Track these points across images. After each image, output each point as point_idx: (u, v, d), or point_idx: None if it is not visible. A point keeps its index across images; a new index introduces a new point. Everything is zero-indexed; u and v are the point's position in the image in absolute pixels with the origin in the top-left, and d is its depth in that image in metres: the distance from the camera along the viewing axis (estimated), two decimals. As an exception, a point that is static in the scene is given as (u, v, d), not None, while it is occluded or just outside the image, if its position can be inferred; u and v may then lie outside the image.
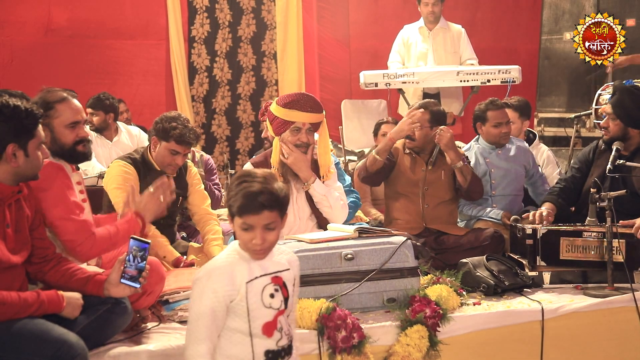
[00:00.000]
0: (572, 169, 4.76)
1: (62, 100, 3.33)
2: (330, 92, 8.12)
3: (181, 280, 3.71)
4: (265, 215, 2.45)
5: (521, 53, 8.42)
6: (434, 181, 4.65)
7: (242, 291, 2.48)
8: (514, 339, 3.67)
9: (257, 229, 2.46)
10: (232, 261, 2.53)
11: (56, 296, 2.91)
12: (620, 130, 4.50)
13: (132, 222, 3.29)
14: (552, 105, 8.53)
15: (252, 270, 2.52)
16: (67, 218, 3.18)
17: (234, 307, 2.48)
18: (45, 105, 3.26)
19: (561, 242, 4.12)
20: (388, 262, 3.60)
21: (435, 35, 7.03)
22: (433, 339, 3.42)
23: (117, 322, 3.12)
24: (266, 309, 2.51)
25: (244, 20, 8.06)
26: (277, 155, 4.10)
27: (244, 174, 2.51)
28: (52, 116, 3.29)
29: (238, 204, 2.45)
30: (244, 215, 2.45)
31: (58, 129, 3.29)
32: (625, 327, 3.82)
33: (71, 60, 7.45)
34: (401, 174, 4.69)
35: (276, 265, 2.58)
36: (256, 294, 2.50)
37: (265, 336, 2.50)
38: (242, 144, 8.16)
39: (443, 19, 7.06)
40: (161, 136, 4.21)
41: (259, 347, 2.51)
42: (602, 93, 5.73)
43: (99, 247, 3.24)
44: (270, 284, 2.53)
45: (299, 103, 4.01)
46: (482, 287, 3.92)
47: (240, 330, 2.50)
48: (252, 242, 2.47)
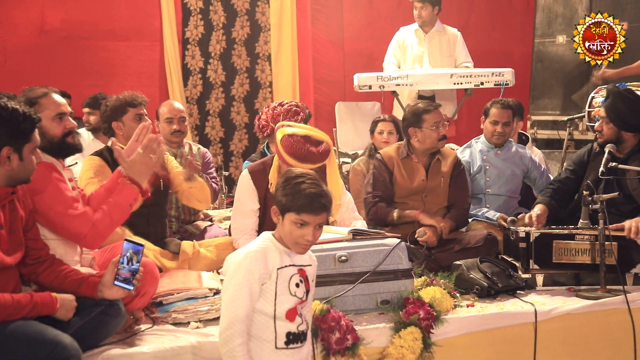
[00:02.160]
0: (567, 171, 4.76)
1: (44, 95, 3.37)
2: (324, 94, 8.12)
3: (175, 282, 3.71)
4: (322, 216, 2.72)
5: (514, 56, 8.44)
6: (433, 188, 4.62)
7: (273, 276, 2.70)
8: (507, 340, 3.68)
9: (311, 226, 2.70)
10: (266, 247, 2.74)
11: (50, 298, 2.90)
12: (613, 133, 4.51)
13: (127, 190, 3.33)
14: (545, 108, 8.56)
15: (283, 259, 2.74)
16: (67, 214, 3.21)
17: (264, 290, 2.70)
18: (29, 102, 3.28)
19: (554, 245, 4.13)
20: (382, 264, 3.60)
21: (431, 38, 7.03)
22: (427, 340, 3.43)
23: (110, 323, 3.12)
24: (291, 296, 2.73)
25: (238, 22, 8.06)
26: (275, 172, 4.09)
27: (299, 174, 2.74)
28: (37, 111, 3.30)
29: (299, 203, 2.67)
30: (302, 213, 2.69)
31: (45, 123, 3.30)
32: (617, 329, 3.83)
33: (65, 61, 7.43)
34: (399, 183, 4.64)
35: (302, 259, 2.81)
36: (284, 281, 2.73)
37: (288, 320, 2.73)
38: (235, 145, 8.15)
39: (439, 22, 7.06)
40: (116, 115, 4.22)
41: (282, 329, 2.73)
42: (595, 96, 5.75)
43: (104, 231, 3.30)
44: (297, 275, 2.77)
45: (311, 159, 3.89)
46: (476, 289, 3.93)
47: (265, 313, 2.71)
48: (304, 238, 2.71)
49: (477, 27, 8.42)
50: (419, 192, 4.61)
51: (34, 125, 2.95)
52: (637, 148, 4.52)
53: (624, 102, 4.49)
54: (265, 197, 4.17)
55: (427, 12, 6.94)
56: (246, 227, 4.18)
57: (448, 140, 6.51)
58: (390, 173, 4.63)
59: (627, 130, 4.49)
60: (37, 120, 2.97)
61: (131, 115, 4.21)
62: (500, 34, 8.57)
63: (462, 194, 4.67)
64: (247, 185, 4.20)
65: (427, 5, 6.92)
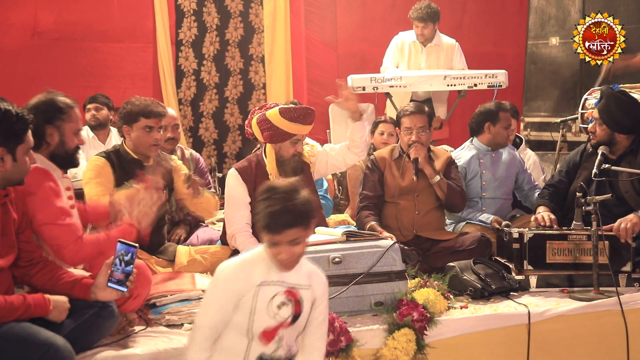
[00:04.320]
0: (560, 173, 4.76)
1: (73, 107, 3.42)
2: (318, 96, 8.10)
3: (168, 283, 3.70)
4: (289, 233, 2.47)
5: (508, 57, 8.45)
6: (425, 188, 4.64)
7: (252, 291, 2.50)
8: (501, 342, 3.69)
9: (283, 245, 2.48)
10: (255, 260, 2.56)
11: (42, 300, 2.90)
12: (607, 135, 4.51)
13: (124, 232, 3.28)
14: (538, 109, 8.57)
15: (270, 275, 2.54)
16: (52, 222, 3.16)
17: (242, 304, 2.50)
18: (58, 108, 3.33)
19: (547, 246, 4.15)
20: (376, 266, 3.61)
21: (430, 53, 7.04)
22: (420, 342, 3.43)
23: (103, 325, 3.11)
24: (269, 317, 2.51)
25: (232, 24, 8.05)
26: (272, 162, 4.24)
27: (267, 189, 2.51)
28: (65, 120, 3.36)
29: (262, 223, 2.48)
30: (268, 234, 2.48)
31: (68, 134, 3.37)
32: (610, 330, 3.85)
33: (58, 63, 7.40)
34: (389, 183, 4.67)
35: (296, 278, 2.58)
36: (265, 299, 2.51)
37: (261, 342, 2.52)
38: (229, 147, 8.13)
39: (438, 34, 7.05)
40: (129, 120, 4.20)
41: (254, 350, 2.52)
42: (588, 97, 5.75)
43: (86, 251, 3.22)
44: (282, 295, 2.54)
45: (304, 118, 4.19)
46: (469, 290, 3.93)
47: (240, 327, 2.50)
48: (277, 257, 2.50)
49: (470, 29, 8.43)
50: (410, 191, 4.62)
51: (27, 126, 2.95)
52: (629, 150, 4.52)
53: (617, 103, 4.49)
54: (254, 191, 4.21)
55: (429, 29, 6.95)
56: (240, 220, 4.24)
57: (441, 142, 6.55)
58: (381, 174, 4.69)
59: (620, 132, 4.49)
60: (30, 121, 2.96)
61: (141, 125, 4.18)
62: (493, 36, 8.58)
63: (454, 177, 4.70)
64: (237, 181, 4.32)
65: (428, 24, 6.93)
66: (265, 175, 4.26)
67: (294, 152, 4.26)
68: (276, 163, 4.26)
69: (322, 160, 4.49)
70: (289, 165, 4.25)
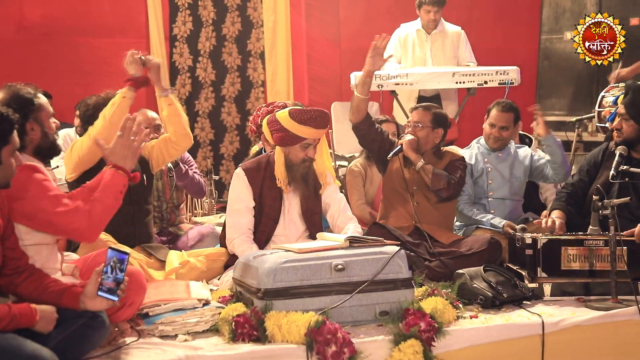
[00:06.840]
0: (580, 172, 4.73)
1: (38, 93, 3.41)
2: (319, 94, 8.12)
3: (162, 292, 3.69)
4: None
5: (520, 53, 8.43)
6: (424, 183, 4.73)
7: None
8: (513, 354, 3.68)
9: None
10: None
11: (29, 309, 2.89)
12: (634, 131, 4.47)
13: (115, 177, 3.33)
14: (553, 108, 8.57)
15: None
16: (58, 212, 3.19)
17: None
18: (28, 101, 3.33)
19: (562, 252, 4.14)
20: (380, 273, 3.60)
21: (434, 40, 7.04)
22: (428, 354, 3.43)
23: (93, 336, 3.10)
24: None
25: (229, 18, 8.06)
26: (281, 166, 4.24)
27: None
28: (39, 109, 3.38)
29: None
30: None
31: (46, 123, 3.39)
32: (629, 342, 3.83)
33: (45, 59, 7.42)
34: (393, 172, 4.80)
35: None
36: None
37: None
38: (226, 148, 8.14)
39: (442, 22, 7.07)
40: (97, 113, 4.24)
41: None
42: (605, 95, 5.75)
43: (99, 220, 3.27)
44: None
45: (315, 121, 4.16)
46: (480, 299, 3.93)
47: None
48: None
49: (480, 23, 8.42)
50: (410, 183, 4.75)
51: (13, 127, 2.95)
52: (655, 148, 4.51)
53: None
54: (260, 195, 4.28)
55: (440, 14, 7.01)
56: (242, 226, 4.25)
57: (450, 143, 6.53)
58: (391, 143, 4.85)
59: None
60: (16, 121, 2.96)
61: None
62: (505, 30, 8.57)
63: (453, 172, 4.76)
64: (242, 183, 4.30)
65: (440, 8, 6.97)
66: (273, 179, 4.27)
67: (304, 157, 4.24)
68: (285, 167, 4.26)
69: (325, 202, 4.44)
70: (298, 171, 4.25)
